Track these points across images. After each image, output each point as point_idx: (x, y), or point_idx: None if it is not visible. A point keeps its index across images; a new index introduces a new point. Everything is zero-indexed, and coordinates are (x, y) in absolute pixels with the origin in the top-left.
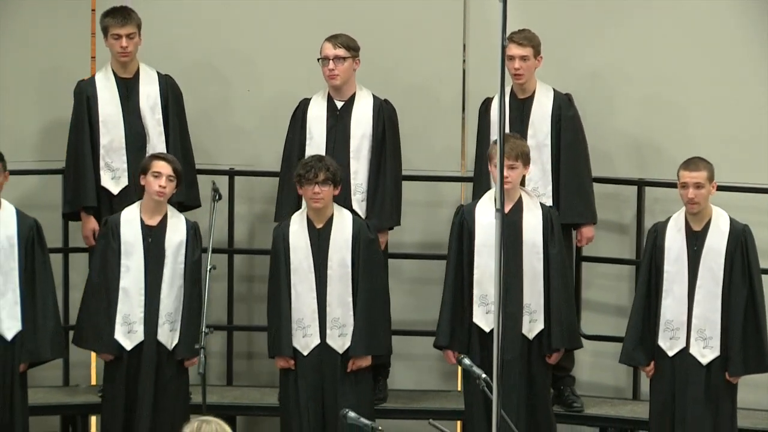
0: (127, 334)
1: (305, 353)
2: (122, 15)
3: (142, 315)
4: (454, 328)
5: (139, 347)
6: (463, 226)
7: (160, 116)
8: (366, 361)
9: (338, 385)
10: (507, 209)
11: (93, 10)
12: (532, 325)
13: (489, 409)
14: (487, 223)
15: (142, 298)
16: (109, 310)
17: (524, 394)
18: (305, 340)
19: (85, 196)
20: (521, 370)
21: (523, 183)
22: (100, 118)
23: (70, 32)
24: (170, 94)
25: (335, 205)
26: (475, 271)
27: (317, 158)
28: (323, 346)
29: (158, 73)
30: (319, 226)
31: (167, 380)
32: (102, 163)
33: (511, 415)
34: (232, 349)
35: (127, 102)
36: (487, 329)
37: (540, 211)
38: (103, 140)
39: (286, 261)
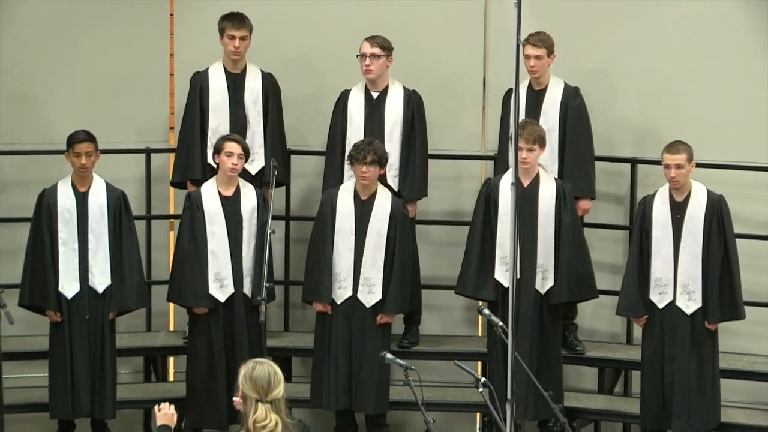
0: (220, 288)
1: (338, 302)
2: (239, 19)
3: (230, 271)
4: (478, 279)
5: (229, 300)
6: (489, 196)
7: (261, 108)
8: (392, 318)
9: (366, 333)
10: (526, 183)
11: (171, 14)
12: (544, 282)
13: (507, 351)
14: (509, 195)
15: (228, 257)
16: (202, 271)
17: (537, 340)
18: (340, 292)
19: (192, 169)
20: (534, 319)
21: None
22: (210, 106)
23: (152, 33)
24: (270, 89)
25: (379, 184)
26: (498, 235)
27: (367, 142)
28: (354, 299)
29: (262, 71)
30: (363, 198)
31: (252, 324)
32: (209, 144)
33: (524, 357)
34: (288, 301)
35: (234, 94)
36: (506, 284)
37: (554, 185)
38: (212, 124)
39: (332, 222)
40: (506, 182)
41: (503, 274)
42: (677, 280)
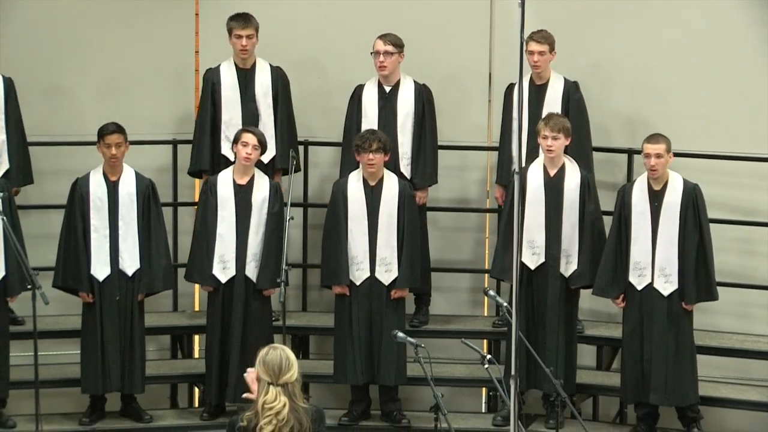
0: (223, 270)
1: (357, 284)
2: (244, 19)
3: (234, 255)
4: (506, 263)
5: (231, 281)
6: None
7: (271, 101)
8: (406, 292)
9: (385, 310)
10: (552, 173)
11: (197, 14)
12: (568, 266)
13: (527, 331)
14: (536, 184)
15: (234, 241)
16: (209, 252)
17: (562, 321)
18: (358, 273)
19: (202, 161)
20: (561, 302)
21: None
22: (223, 100)
23: (178, 32)
24: (280, 82)
25: (384, 169)
26: (525, 221)
27: (371, 131)
28: (372, 279)
29: (271, 65)
30: (372, 184)
31: (254, 307)
32: (223, 136)
33: (552, 337)
34: (306, 282)
35: (245, 88)
36: (532, 267)
37: (579, 175)
38: (225, 117)
39: (345, 210)
40: (533, 172)
41: (529, 258)
42: (655, 264)
